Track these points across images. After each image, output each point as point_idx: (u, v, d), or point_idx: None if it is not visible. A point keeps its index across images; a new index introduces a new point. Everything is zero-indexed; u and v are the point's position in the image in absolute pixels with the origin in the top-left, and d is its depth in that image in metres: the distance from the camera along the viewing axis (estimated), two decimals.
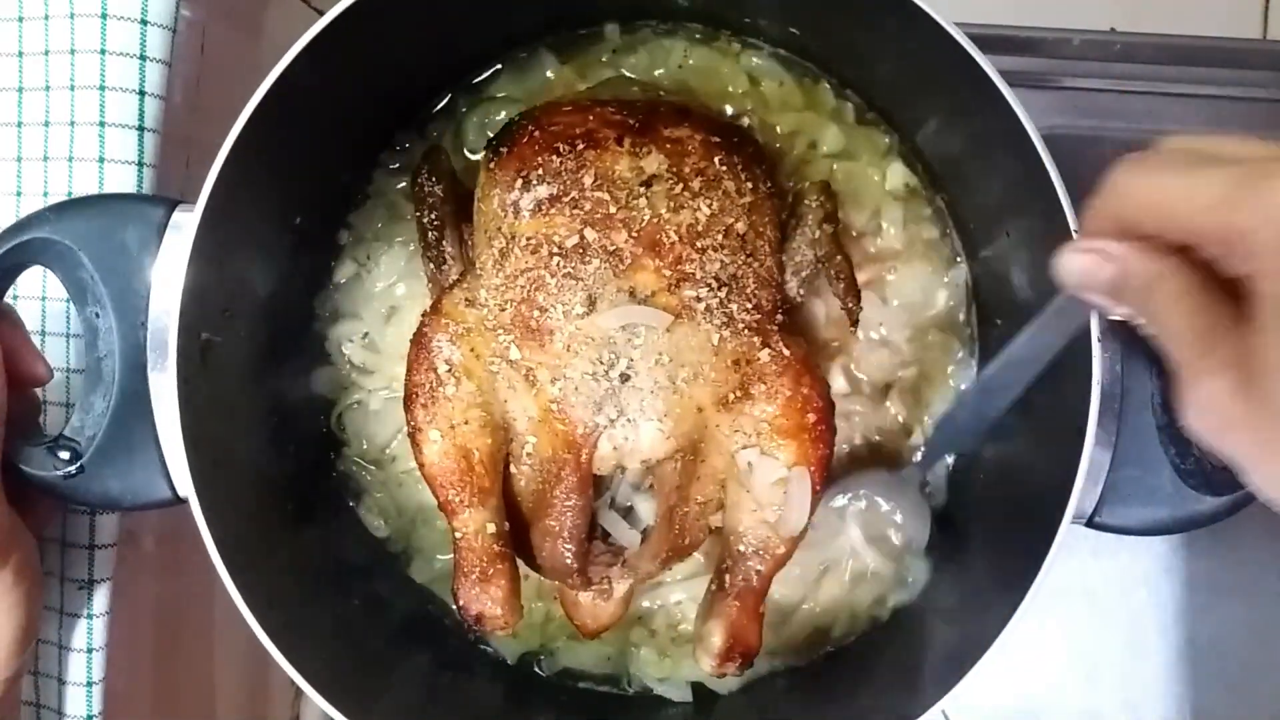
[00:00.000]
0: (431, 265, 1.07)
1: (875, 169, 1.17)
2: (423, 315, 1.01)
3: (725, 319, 0.95)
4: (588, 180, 0.96)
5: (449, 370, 0.96)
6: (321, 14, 0.94)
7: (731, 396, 0.96)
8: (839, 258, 1.07)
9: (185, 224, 0.92)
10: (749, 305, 0.97)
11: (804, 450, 0.97)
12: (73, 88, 1.07)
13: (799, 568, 1.13)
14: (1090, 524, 0.93)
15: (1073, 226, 0.88)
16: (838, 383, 1.14)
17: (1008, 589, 0.92)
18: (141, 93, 1.07)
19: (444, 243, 1.06)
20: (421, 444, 0.97)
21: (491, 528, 0.97)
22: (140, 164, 1.07)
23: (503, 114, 1.17)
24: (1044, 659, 1.37)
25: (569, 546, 0.96)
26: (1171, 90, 1.36)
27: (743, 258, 0.97)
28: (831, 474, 1.01)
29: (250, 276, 1.06)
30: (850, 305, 1.08)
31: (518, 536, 1.00)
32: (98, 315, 0.94)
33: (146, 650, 1.24)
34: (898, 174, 1.16)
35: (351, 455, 1.19)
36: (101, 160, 1.06)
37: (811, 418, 0.97)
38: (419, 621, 1.19)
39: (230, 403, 1.02)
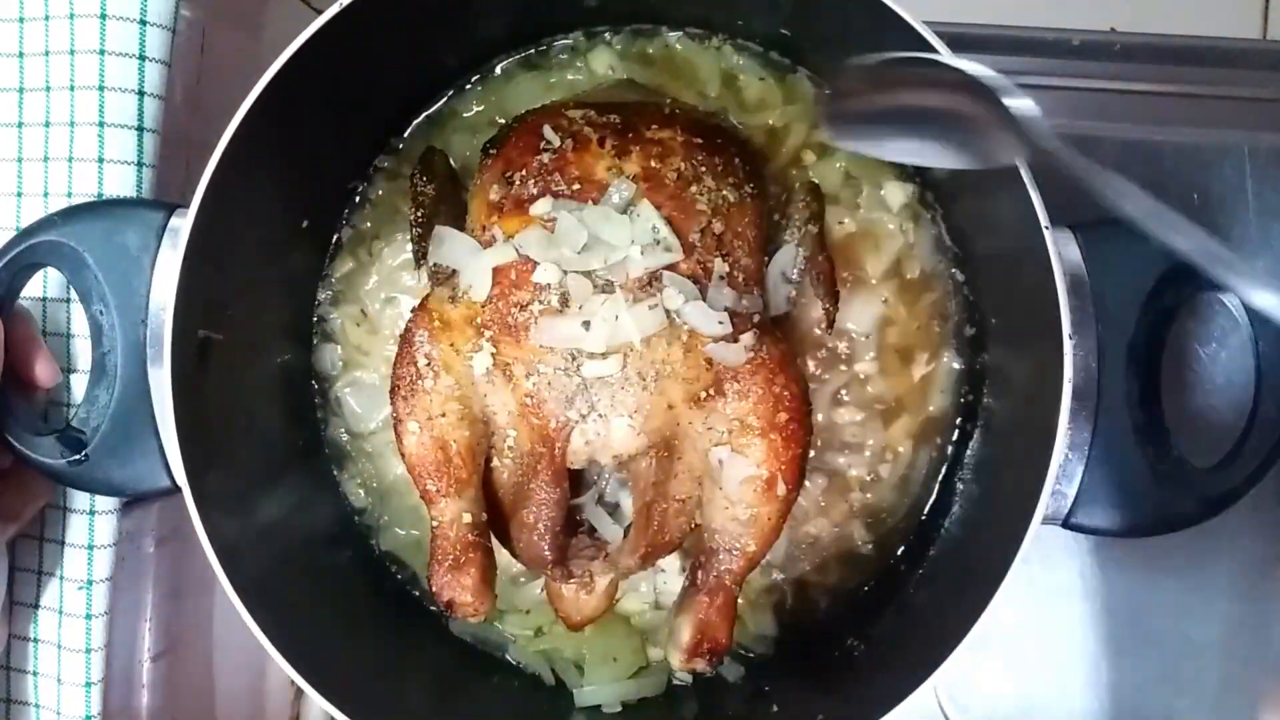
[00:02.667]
0: (422, 262, 1.10)
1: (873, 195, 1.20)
2: (411, 310, 1.04)
3: None
4: (566, 181, 0.99)
5: (428, 364, 1.00)
6: (320, 13, 0.97)
7: (704, 394, 0.98)
8: (821, 258, 1.10)
9: (181, 227, 0.96)
10: (724, 304, 0.98)
11: (775, 449, 0.98)
12: (72, 88, 1.10)
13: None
14: (1066, 525, 0.95)
15: (1042, 221, 0.92)
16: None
17: (979, 589, 0.94)
18: (141, 93, 1.10)
19: (426, 240, 1.08)
20: (402, 434, 1.01)
21: (467, 517, 1.00)
22: (140, 164, 1.10)
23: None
24: (1044, 659, 1.38)
25: (544, 539, 0.99)
26: (1171, 90, 1.37)
27: (718, 257, 0.99)
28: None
29: (251, 274, 1.10)
30: (827, 307, 1.11)
31: (501, 527, 1.03)
32: (101, 313, 0.99)
33: (145, 651, 1.27)
34: (897, 193, 1.20)
35: (342, 427, 1.24)
36: (101, 160, 1.09)
37: (783, 417, 0.99)
38: (419, 619, 1.23)
39: (230, 396, 1.07)
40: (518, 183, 1.01)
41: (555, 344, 0.96)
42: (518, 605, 1.21)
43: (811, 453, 1.05)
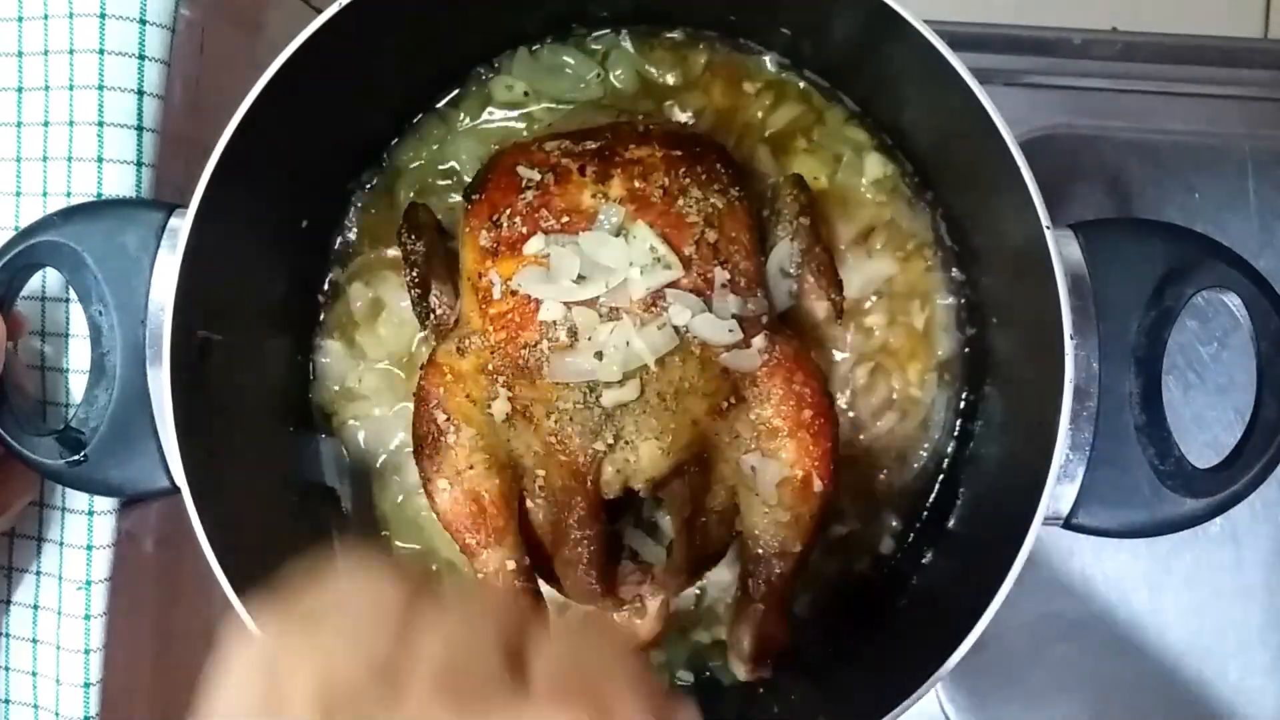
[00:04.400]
0: (427, 320, 1.10)
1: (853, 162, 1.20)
2: (420, 368, 1.05)
3: None
4: (554, 215, 0.99)
5: (447, 419, 1.00)
6: (320, 12, 0.97)
7: (725, 404, 0.99)
8: (817, 249, 1.10)
9: (180, 227, 0.96)
10: (731, 311, 0.98)
11: (804, 448, 0.99)
12: (72, 87, 1.09)
13: None
14: (1068, 526, 0.94)
15: (1044, 221, 0.91)
16: None
17: (981, 590, 0.93)
18: (140, 92, 1.09)
19: (429, 297, 1.09)
20: (433, 494, 1.00)
21: (511, 564, 0.99)
22: (139, 164, 1.10)
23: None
24: (1044, 660, 1.38)
25: (591, 573, 0.98)
26: (1173, 90, 1.39)
27: (717, 266, 0.99)
28: None
29: (251, 276, 1.10)
30: (833, 297, 1.11)
31: (545, 566, 1.03)
32: (100, 313, 0.99)
33: (145, 651, 1.26)
34: (876, 166, 1.20)
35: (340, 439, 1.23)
36: (100, 160, 1.08)
37: (808, 414, 0.99)
38: None
39: (229, 397, 1.06)
40: (506, 225, 1.01)
41: (570, 379, 0.96)
42: None
43: None
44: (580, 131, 1.08)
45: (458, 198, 1.20)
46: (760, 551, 1.01)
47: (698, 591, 1.17)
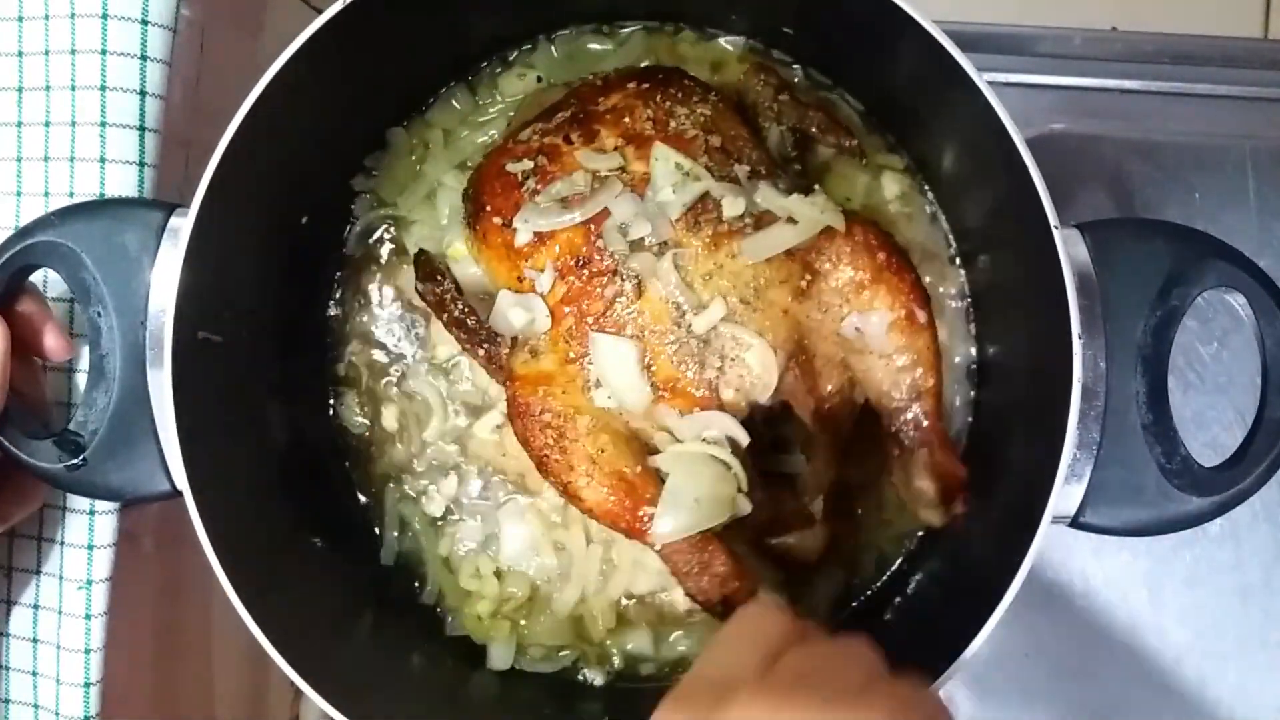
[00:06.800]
0: (481, 350, 1.08)
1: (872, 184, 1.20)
2: (506, 391, 1.04)
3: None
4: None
5: (557, 417, 0.99)
6: (320, 12, 0.96)
7: (804, 284, 1.00)
8: (809, 113, 1.13)
9: (181, 228, 0.95)
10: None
11: (894, 287, 1.01)
12: (74, 88, 1.09)
13: None
14: (1075, 524, 0.94)
15: (1052, 220, 0.91)
16: None
17: (990, 589, 0.93)
18: (142, 93, 1.09)
19: (481, 324, 1.08)
20: (578, 492, 0.99)
21: None
22: (141, 164, 1.09)
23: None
24: (1045, 659, 1.38)
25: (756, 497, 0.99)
26: (1172, 89, 1.39)
27: (734, 164, 1.01)
28: None
29: (252, 276, 1.09)
30: (847, 144, 1.13)
31: None
32: (100, 315, 0.98)
33: (145, 651, 1.26)
34: (893, 182, 1.19)
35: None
36: (103, 160, 1.08)
37: (882, 256, 1.01)
38: (418, 618, 1.21)
39: (232, 398, 1.06)
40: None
41: (654, 325, 0.97)
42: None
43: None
44: (545, 111, 1.09)
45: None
46: (897, 405, 1.03)
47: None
